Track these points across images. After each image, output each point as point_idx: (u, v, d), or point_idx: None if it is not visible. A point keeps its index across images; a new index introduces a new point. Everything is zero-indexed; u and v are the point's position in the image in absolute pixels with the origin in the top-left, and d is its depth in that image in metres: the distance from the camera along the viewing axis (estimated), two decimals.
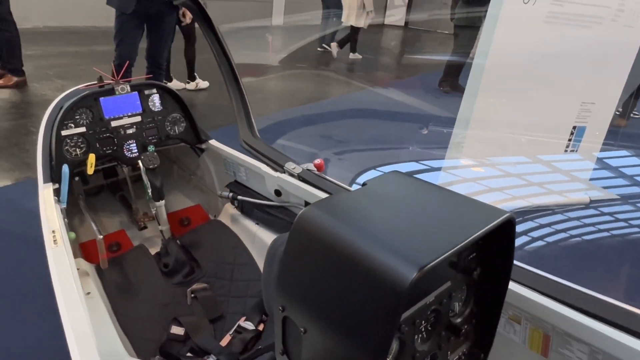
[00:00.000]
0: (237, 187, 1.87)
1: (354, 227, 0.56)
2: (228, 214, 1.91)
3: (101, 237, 1.44)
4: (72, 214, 1.85)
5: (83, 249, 1.81)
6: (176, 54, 5.22)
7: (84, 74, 5.37)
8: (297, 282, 0.60)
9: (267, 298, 0.77)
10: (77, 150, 1.64)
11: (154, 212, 1.74)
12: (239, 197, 1.75)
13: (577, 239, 2.91)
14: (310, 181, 1.56)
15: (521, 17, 2.61)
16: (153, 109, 1.79)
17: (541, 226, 2.90)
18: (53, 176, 1.56)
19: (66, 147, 1.61)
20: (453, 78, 6.43)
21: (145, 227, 1.96)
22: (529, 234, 2.79)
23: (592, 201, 3.18)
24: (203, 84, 5.61)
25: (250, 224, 1.79)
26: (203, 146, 1.95)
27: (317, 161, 1.60)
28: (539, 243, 2.75)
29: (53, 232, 1.23)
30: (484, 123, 2.85)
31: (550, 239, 2.82)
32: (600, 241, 2.90)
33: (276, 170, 1.67)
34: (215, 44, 1.96)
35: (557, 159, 3.20)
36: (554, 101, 2.93)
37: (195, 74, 5.55)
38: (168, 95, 1.82)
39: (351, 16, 7.25)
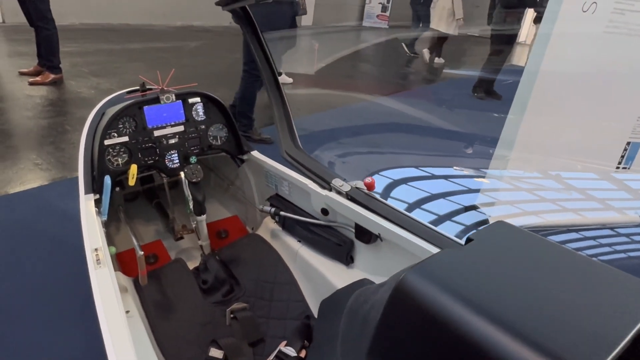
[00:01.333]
0: (278, 201, 1.79)
1: (475, 305, 0.46)
2: (268, 228, 1.83)
3: (142, 253, 1.38)
4: (108, 221, 1.81)
5: (120, 260, 1.77)
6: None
7: (119, 72, 5.42)
8: None
9: (345, 358, 0.68)
10: (119, 160, 1.59)
11: (193, 225, 1.68)
12: (282, 213, 1.67)
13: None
14: (359, 201, 1.47)
15: (579, 27, 2.45)
16: (196, 118, 1.73)
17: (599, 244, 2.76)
18: (94, 187, 1.51)
19: (108, 157, 1.56)
20: (488, 84, 6.25)
21: (181, 238, 1.91)
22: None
23: None
24: (287, 79, 5.64)
25: (291, 241, 1.71)
26: (244, 157, 1.88)
27: (368, 180, 1.50)
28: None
29: (96, 250, 1.17)
30: (531, 142, 2.69)
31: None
32: None
33: (323, 187, 1.58)
34: (259, 49, 1.89)
35: (610, 175, 3.02)
36: (608, 115, 2.75)
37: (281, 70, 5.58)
38: (212, 104, 1.76)
39: (441, 23, 7.48)
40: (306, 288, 1.61)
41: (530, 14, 6.36)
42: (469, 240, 0.58)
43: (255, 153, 1.86)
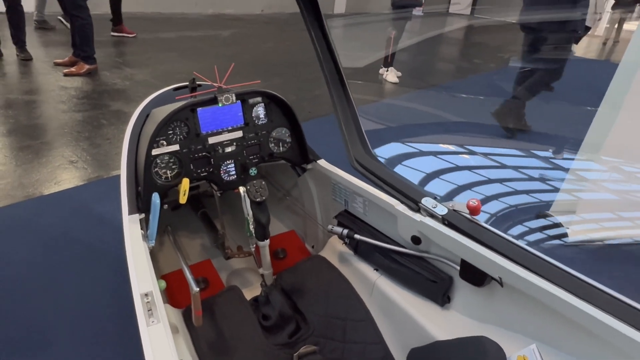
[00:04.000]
0: (349, 219, 1.51)
1: None
2: (334, 250, 1.56)
3: (197, 290, 1.14)
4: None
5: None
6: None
7: (152, 62, 5.23)
8: None
9: None
10: (168, 172, 1.34)
11: (252, 248, 1.42)
12: (357, 237, 1.40)
13: None
14: (464, 230, 1.18)
15: None
16: (257, 121, 1.46)
17: None
18: (139, 205, 1.27)
19: (156, 169, 1.32)
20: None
21: (231, 256, 1.66)
22: None
23: None
24: (392, 76, 5.35)
25: (366, 269, 1.44)
26: (308, 166, 1.61)
27: (473, 203, 1.20)
28: None
29: (146, 295, 0.93)
30: (628, 144, 2.31)
31: None
32: None
33: (409, 207, 1.29)
34: (320, 37, 1.60)
35: None
36: None
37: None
38: (275, 104, 1.49)
39: None
40: (386, 328, 1.34)
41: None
42: None
43: (321, 162, 1.59)
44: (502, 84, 6.03)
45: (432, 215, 1.25)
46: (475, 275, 1.11)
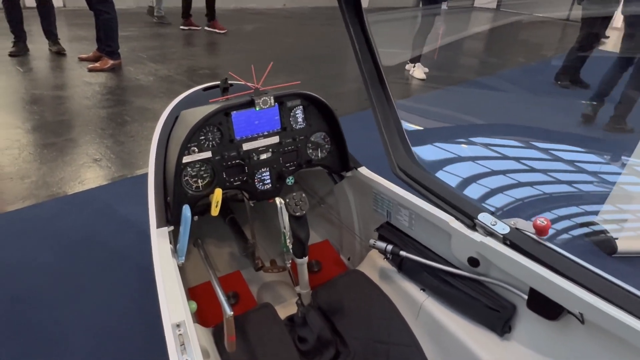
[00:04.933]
0: (391, 232, 1.39)
1: None
2: (375, 265, 1.44)
3: (231, 314, 1.03)
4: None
5: (192, 295, 1.44)
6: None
7: (176, 57, 5.17)
8: None
9: None
10: (199, 181, 1.23)
11: (287, 265, 1.31)
12: (403, 254, 1.27)
13: None
14: (526, 250, 1.04)
15: None
16: (294, 126, 1.34)
17: None
18: (168, 216, 1.17)
19: (186, 178, 1.21)
20: (574, 71, 5.47)
21: (262, 267, 1.55)
22: None
23: None
24: (419, 72, 5.15)
25: (411, 289, 1.31)
26: (348, 174, 1.48)
27: (541, 222, 1.06)
28: None
29: (179, 327, 0.82)
30: None
31: None
32: None
33: (465, 223, 1.16)
34: (360, 35, 1.47)
35: None
36: None
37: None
38: (314, 107, 1.36)
39: None
40: (434, 356, 1.21)
41: None
42: None
43: (362, 169, 1.46)
44: (539, 80, 5.78)
45: (492, 234, 1.12)
46: (547, 308, 0.98)
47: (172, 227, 1.16)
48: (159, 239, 1.09)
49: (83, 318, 1.65)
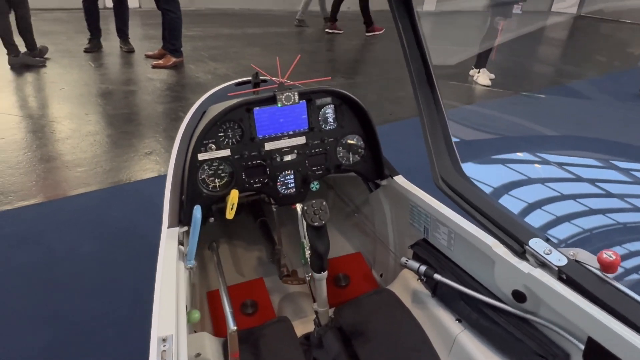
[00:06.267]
0: (428, 251, 1.23)
1: None
2: (407, 286, 1.29)
3: (235, 329, 0.94)
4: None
5: (210, 300, 1.37)
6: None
7: (236, 57, 5.27)
8: None
9: None
10: (217, 181, 1.16)
11: (307, 278, 1.20)
12: (437, 277, 1.11)
13: None
14: (587, 289, 0.85)
15: None
16: (323, 126, 1.24)
17: None
18: (182, 216, 1.11)
19: (202, 177, 1.15)
20: None
21: (288, 275, 1.45)
22: None
23: None
24: (484, 78, 4.88)
25: (446, 318, 1.15)
26: (383, 182, 1.35)
27: (608, 255, 0.86)
28: None
29: (164, 341, 0.74)
30: None
31: None
32: None
33: (513, 249, 0.98)
34: (409, 31, 1.33)
35: None
36: None
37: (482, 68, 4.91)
38: (347, 106, 1.25)
39: None
40: None
41: None
42: None
43: (399, 178, 1.32)
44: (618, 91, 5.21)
45: (544, 265, 0.93)
46: None
47: (185, 228, 1.10)
48: (167, 240, 1.03)
49: (114, 310, 1.66)
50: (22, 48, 4.18)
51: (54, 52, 4.61)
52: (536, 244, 0.96)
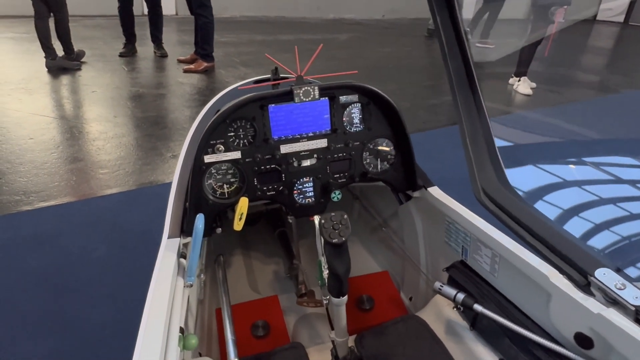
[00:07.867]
0: (465, 275, 1.06)
1: None
2: (441, 314, 1.12)
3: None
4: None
5: (219, 317, 1.24)
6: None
7: (267, 62, 5.19)
8: None
9: None
10: (225, 187, 1.04)
11: (324, 302, 1.05)
12: (477, 308, 0.94)
13: None
14: None
15: None
16: (348, 128, 1.09)
17: None
18: (184, 226, 0.99)
19: (209, 181, 1.02)
20: None
21: (304, 295, 1.31)
22: None
23: None
24: (525, 87, 4.60)
25: (487, 356, 0.97)
26: (415, 194, 1.19)
27: None
28: None
29: None
30: None
31: None
32: None
33: (574, 281, 0.80)
34: (448, 26, 1.17)
35: None
36: None
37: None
38: (375, 106, 1.10)
39: None
40: None
41: None
42: None
43: (434, 190, 1.15)
44: None
45: (616, 303, 0.75)
46: None
47: (188, 239, 0.98)
48: (165, 253, 0.91)
49: (123, 317, 1.56)
50: (60, 52, 4.28)
51: (90, 56, 4.71)
52: (604, 276, 0.78)
